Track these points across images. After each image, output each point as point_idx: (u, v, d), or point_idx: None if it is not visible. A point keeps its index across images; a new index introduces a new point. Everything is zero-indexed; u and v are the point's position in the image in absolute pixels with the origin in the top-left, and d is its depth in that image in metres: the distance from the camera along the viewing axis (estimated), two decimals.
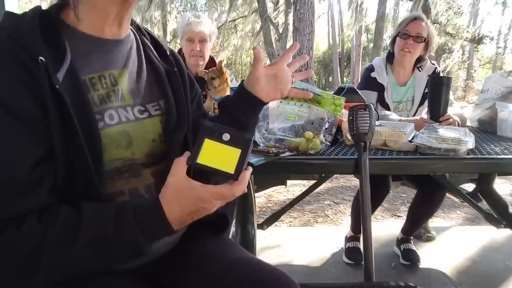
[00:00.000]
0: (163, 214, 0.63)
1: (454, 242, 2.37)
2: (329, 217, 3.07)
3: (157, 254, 0.79)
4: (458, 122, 1.66)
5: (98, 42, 0.72)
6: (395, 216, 3.08)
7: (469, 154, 1.20)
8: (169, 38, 18.02)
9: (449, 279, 1.91)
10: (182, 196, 0.63)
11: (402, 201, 3.40)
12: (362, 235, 1.17)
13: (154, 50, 0.85)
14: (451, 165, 1.20)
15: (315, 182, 2.03)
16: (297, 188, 3.74)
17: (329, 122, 1.26)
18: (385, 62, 2.03)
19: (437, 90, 1.68)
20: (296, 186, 3.78)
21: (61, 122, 0.61)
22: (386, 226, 2.75)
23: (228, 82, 1.70)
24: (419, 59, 2.00)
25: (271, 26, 10.70)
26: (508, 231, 2.08)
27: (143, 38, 0.84)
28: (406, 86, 2.03)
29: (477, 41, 15.24)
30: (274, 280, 0.72)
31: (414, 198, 2.03)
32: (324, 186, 3.26)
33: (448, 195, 1.97)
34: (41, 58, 0.60)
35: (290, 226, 2.87)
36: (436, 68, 2.04)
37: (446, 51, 18.70)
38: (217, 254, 0.81)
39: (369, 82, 1.98)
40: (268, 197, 3.56)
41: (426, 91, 1.95)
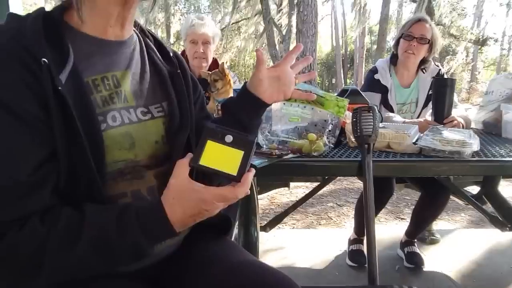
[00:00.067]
0: (165, 216, 0.62)
1: (458, 245, 2.35)
2: (332, 219, 3.06)
3: (159, 257, 0.79)
4: (462, 124, 1.65)
5: (101, 44, 0.72)
6: (399, 218, 3.06)
7: (474, 157, 1.19)
8: (172, 40, 18.10)
9: (453, 283, 1.90)
10: (184, 198, 0.63)
11: (405, 203, 3.38)
12: (365, 238, 1.16)
13: (157, 52, 0.85)
14: (456, 167, 1.19)
15: (318, 184, 2.02)
16: (300, 190, 3.73)
17: (332, 124, 1.25)
18: (388, 63, 2.02)
19: (441, 92, 1.67)
20: (299, 188, 3.77)
21: (63, 124, 0.61)
22: (389, 229, 2.74)
23: (231, 84, 1.70)
24: (423, 61, 1.99)
25: (274, 28, 10.71)
26: None
27: (147, 39, 0.84)
28: (410, 88, 2.02)
29: (481, 42, 15.18)
30: (277, 283, 0.72)
31: (418, 201, 2.02)
32: (327, 188, 3.25)
33: (452, 198, 1.96)
34: (44, 59, 0.60)
35: (293, 228, 2.86)
36: (440, 70, 2.03)
37: (450, 53, 18.65)
38: (219, 257, 0.81)
39: (372, 84, 1.98)
40: (271, 199, 3.55)
41: (430, 93, 1.94)
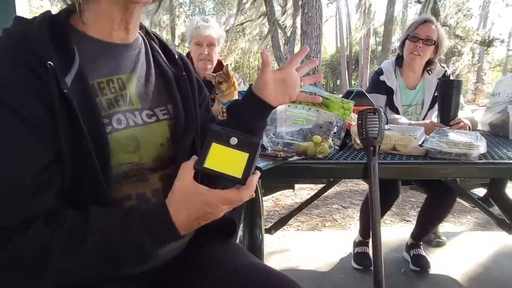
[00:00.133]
0: (170, 219, 0.62)
1: (465, 247, 2.33)
2: (337, 221, 3.04)
3: (164, 260, 0.79)
4: (469, 126, 1.64)
5: (106, 47, 0.72)
6: (404, 220, 3.04)
7: (480, 159, 1.17)
8: (177, 42, 18.17)
9: (460, 286, 1.88)
10: (189, 201, 0.63)
11: (411, 205, 3.36)
12: (371, 240, 1.15)
13: (162, 54, 0.85)
14: (463, 170, 1.17)
15: (323, 186, 2.01)
16: (304, 192, 3.72)
17: (337, 126, 1.25)
18: (394, 65, 2.01)
19: (447, 94, 1.66)
20: (304, 190, 3.76)
21: (69, 127, 0.62)
22: (395, 231, 2.72)
23: (235, 86, 1.70)
24: (429, 62, 1.98)
25: (279, 30, 10.72)
26: None
27: (152, 42, 0.84)
28: (415, 89, 2.01)
29: (487, 43, 15.08)
30: (281, 286, 0.72)
31: (424, 203, 2.01)
32: (332, 190, 3.24)
33: (458, 200, 1.94)
34: (49, 62, 0.60)
35: (297, 230, 2.85)
36: (446, 71, 2.02)
37: (456, 54, 18.55)
38: (224, 260, 0.81)
39: (378, 85, 1.97)
40: (275, 201, 3.55)
41: (436, 95, 1.93)
